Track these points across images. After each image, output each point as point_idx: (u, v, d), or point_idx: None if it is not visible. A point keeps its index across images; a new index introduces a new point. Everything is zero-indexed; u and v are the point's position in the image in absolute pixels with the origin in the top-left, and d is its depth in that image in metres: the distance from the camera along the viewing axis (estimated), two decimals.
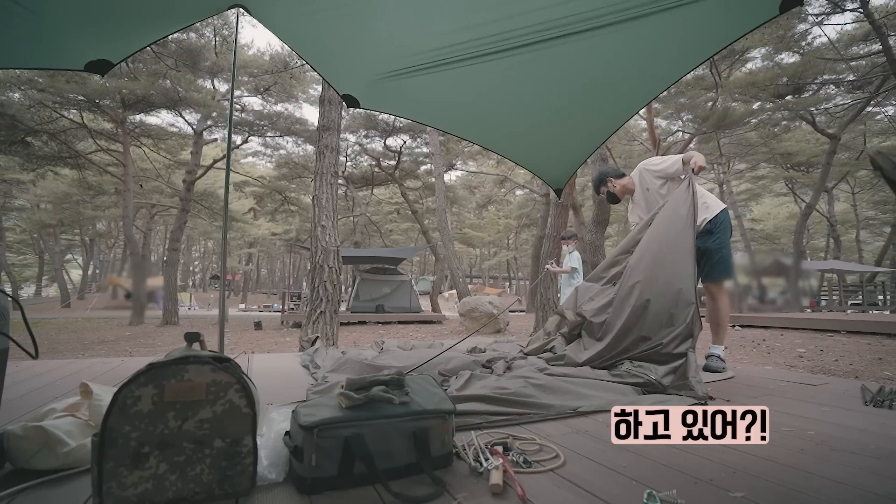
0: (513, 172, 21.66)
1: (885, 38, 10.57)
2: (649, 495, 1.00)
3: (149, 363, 0.95)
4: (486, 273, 50.16)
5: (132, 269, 16.14)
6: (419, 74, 2.07)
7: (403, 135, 17.52)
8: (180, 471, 0.94)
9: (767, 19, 1.61)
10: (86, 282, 31.08)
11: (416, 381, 1.34)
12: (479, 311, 9.40)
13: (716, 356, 2.62)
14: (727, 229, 2.65)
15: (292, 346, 6.79)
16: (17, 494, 1.03)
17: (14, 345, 1.27)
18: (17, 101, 11.77)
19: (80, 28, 1.73)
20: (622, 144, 18.21)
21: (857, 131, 17.80)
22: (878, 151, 1.17)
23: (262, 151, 20.83)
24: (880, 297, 16.77)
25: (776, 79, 13.39)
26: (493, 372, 2.38)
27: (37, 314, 15.98)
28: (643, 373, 2.16)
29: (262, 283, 50.16)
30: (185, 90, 13.02)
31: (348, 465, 1.05)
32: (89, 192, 18.26)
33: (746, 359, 4.94)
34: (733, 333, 7.51)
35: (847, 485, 1.10)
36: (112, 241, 30.43)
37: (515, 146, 2.77)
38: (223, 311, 2.22)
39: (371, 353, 3.16)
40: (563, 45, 1.85)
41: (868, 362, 4.52)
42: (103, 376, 2.58)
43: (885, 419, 1.67)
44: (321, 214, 5.34)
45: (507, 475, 1.10)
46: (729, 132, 16.24)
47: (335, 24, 1.85)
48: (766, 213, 31.64)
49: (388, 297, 12.45)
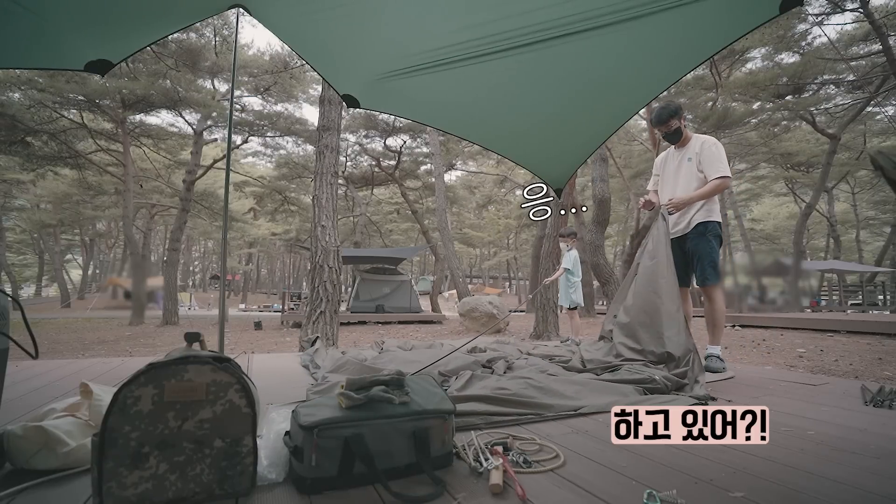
0: (513, 172, 21.67)
1: (885, 38, 10.56)
2: (649, 495, 1.00)
3: (149, 363, 0.95)
4: (486, 273, 50.16)
5: (132, 269, 16.12)
6: (419, 74, 2.07)
7: (403, 135, 17.52)
8: (180, 471, 0.94)
9: (767, 19, 1.61)
10: (86, 282, 31.08)
11: (416, 381, 1.34)
12: (479, 311, 9.40)
13: (715, 356, 2.64)
14: (718, 238, 2.69)
15: (292, 346, 6.79)
16: (17, 494, 1.03)
17: (14, 345, 1.27)
18: (17, 101, 11.77)
19: (80, 28, 1.73)
20: (622, 144, 18.22)
21: (857, 131, 17.80)
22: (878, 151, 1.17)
23: (262, 151, 20.83)
24: (880, 297, 16.76)
25: (776, 79, 13.39)
26: (493, 372, 2.38)
27: (37, 314, 15.97)
28: (644, 370, 2.17)
29: (262, 283, 50.16)
30: (185, 90, 13.02)
31: (348, 465, 1.05)
32: (89, 192, 18.25)
33: (746, 359, 4.94)
34: (733, 333, 7.51)
35: (847, 485, 1.10)
36: (112, 241, 30.43)
37: (515, 146, 2.77)
38: (223, 311, 2.22)
39: (371, 354, 3.16)
40: (563, 45, 1.85)
41: (868, 362, 4.51)
42: (103, 376, 2.58)
43: (885, 419, 1.67)
44: (321, 214, 5.34)
45: (507, 475, 1.10)
46: (729, 132, 16.23)
47: (335, 24, 1.85)
48: (766, 213, 31.65)
49: (388, 297, 12.45)
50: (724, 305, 2.74)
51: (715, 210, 2.69)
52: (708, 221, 2.67)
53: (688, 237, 2.73)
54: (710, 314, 2.72)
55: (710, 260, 2.63)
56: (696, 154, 2.70)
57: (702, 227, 2.67)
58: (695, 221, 2.70)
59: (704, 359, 2.63)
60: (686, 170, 2.75)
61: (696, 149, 2.71)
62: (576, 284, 5.25)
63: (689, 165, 2.73)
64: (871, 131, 18.45)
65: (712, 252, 2.64)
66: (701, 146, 2.69)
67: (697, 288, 2.82)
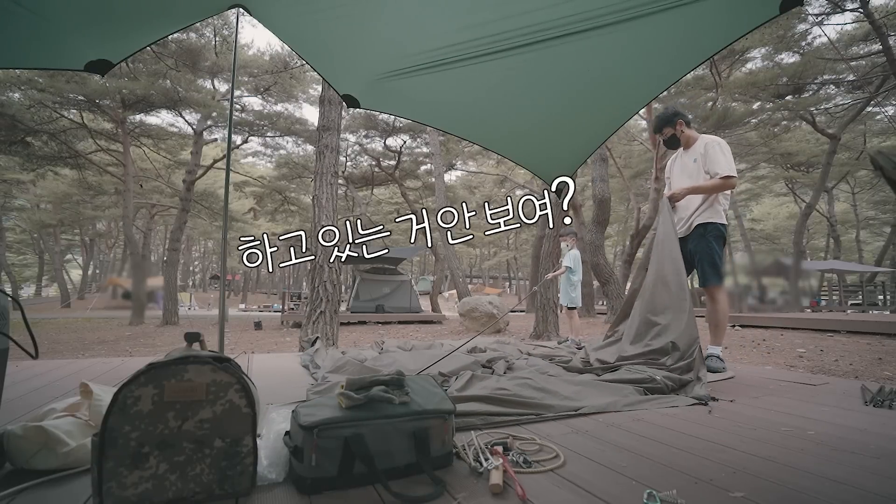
0: (513, 172, 21.64)
1: (885, 38, 10.56)
2: (649, 495, 1.00)
3: (149, 363, 0.95)
4: (486, 273, 50.16)
5: (132, 269, 16.14)
6: (419, 74, 2.07)
7: (403, 135, 17.51)
8: (180, 471, 0.94)
9: (767, 19, 1.61)
10: (86, 282, 31.07)
11: (415, 381, 1.34)
12: (479, 311, 9.40)
13: (715, 356, 2.64)
14: (721, 238, 2.69)
15: (292, 346, 6.79)
16: (17, 494, 1.03)
17: (14, 345, 1.27)
18: (17, 101, 11.77)
19: (80, 28, 1.73)
20: (622, 144, 18.20)
21: (857, 131, 17.79)
22: (878, 151, 1.17)
23: (262, 151, 20.81)
24: (880, 297, 16.76)
25: (776, 79, 13.39)
26: (493, 372, 2.38)
27: (37, 314, 15.96)
28: (645, 370, 2.17)
29: (262, 283, 50.12)
30: (185, 90, 13.02)
31: (348, 465, 1.05)
32: (89, 192, 18.25)
33: (746, 359, 4.94)
34: (733, 333, 7.51)
35: (847, 485, 1.10)
36: (112, 241, 30.42)
37: (515, 146, 2.77)
38: (223, 311, 2.22)
39: (371, 354, 3.16)
40: (563, 45, 1.85)
41: (868, 362, 4.51)
42: (103, 376, 2.58)
43: (885, 419, 1.67)
44: (321, 214, 5.34)
45: (507, 475, 1.10)
46: (729, 132, 16.22)
47: (335, 24, 1.85)
48: (766, 213, 31.63)
49: (388, 297, 12.45)
50: (727, 306, 2.74)
51: (718, 212, 2.69)
52: (708, 223, 2.68)
53: (689, 238, 2.74)
54: (713, 314, 2.73)
55: (710, 261, 2.64)
56: (700, 155, 2.72)
57: (701, 229, 2.69)
58: (695, 223, 2.71)
59: (705, 358, 2.63)
60: (691, 170, 2.77)
61: (700, 150, 2.73)
62: (576, 284, 5.25)
63: (695, 166, 2.75)
64: (871, 131, 18.44)
65: (712, 253, 2.64)
66: (705, 147, 2.71)
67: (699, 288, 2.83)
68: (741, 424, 1.60)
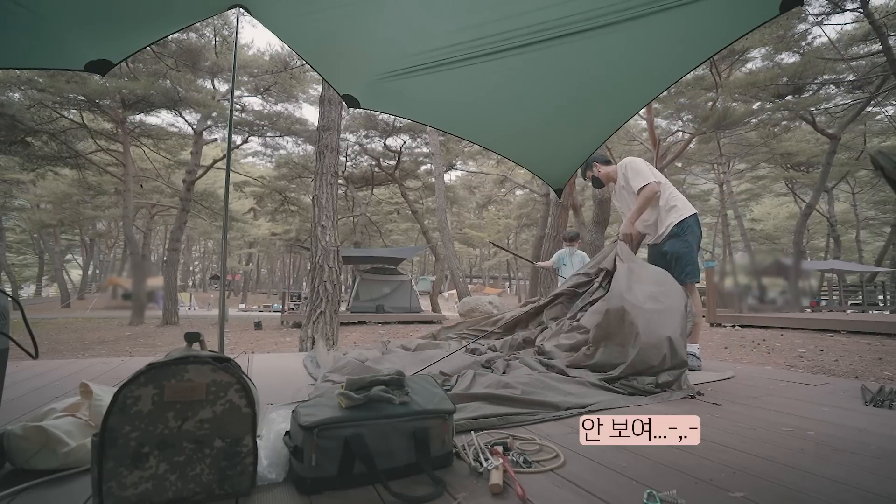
0: (513, 172, 21.66)
1: (885, 38, 10.57)
2: (649, 495, 1.00)
3: (149, 363, 0.95)
4: (486, 273, 50.17)
5: (132, 269, 16.13)
6: (419, 74, 2.07)
7: (403, 135, 17.52)
8: (180, 471, 0.94)
9: (767, 19, 1.61)
10: (86, 282, 31.08)
11: (416, 380, 1.34)
12: (479, 310, 9.39)
13: (692, 355, 2.66)
14: (694, 233, 2.77)
15: (292, 346, 6.79)
16: (17, 494, 1.03)
17: (14, 345, 1.27)
18: (17, 101, 11.78)
19: (80, 28, 1.73)
20: (622, 144, 18.20)
21: (857, 131, 17.81)
22: (878, 151, 1.17)
23: (262, 151, 20.84)
24: (880, 297, 16.74)
25: (776, 79, 13.39)
26: (492, 371, 2.38)
27: (37, 314, 15.97)
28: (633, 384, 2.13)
29: (262, 283, 50.17)
30: (185, 90, 13.04)
31: (348, 465, 1.05)
32: (89, 192, 18.27)
33: (746, 359, 4.94)
34: (733, 333, 7.51)
35: (847, 485, 1.10)
36: (112, 241, 30.44)
37: (515, 146, 2.77)
38: (223, 311, 2.22)
39: (373, 354, 3.15)
40: (563, 45, 1.85)
41: (868, 362, 4.52)
42: (103, 376, 2.58)
43: (885, 419, 1.67)
44: (321, 214, 5.34)
45: (507, 475, 1.10)
46: (729, 132, 16.24)
47: (335, 25, 1.84)
48: (766, 213, 31.66)
49: (388, 297, 12.45)
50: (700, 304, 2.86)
51: (680, 209, 2.78)
52: (680, 221, 2.76)
53: (665, 241, 2.82)
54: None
55: (688, 258, 2.72)
56: (624, 181, 2.93)
57: (676, 229, 2.77)
58: (668, 226, 2.79)
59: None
60: (626, 198, 2.98)
61: (621, 179, 2.95)
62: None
63: (626, 193, 2.96)
64: (871, 131, 18.46)
65: (690, 250, 2.73)
66: (622, 174, 2.94)
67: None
68: (741, 424, 1.60)
